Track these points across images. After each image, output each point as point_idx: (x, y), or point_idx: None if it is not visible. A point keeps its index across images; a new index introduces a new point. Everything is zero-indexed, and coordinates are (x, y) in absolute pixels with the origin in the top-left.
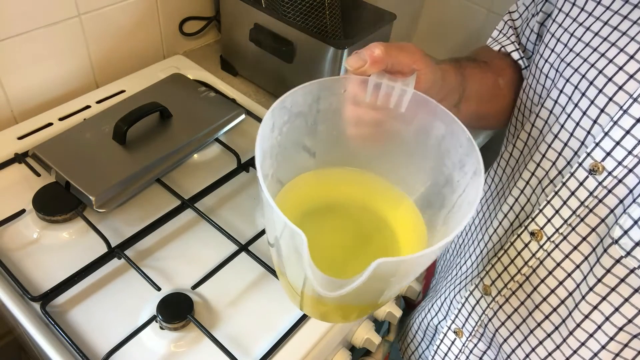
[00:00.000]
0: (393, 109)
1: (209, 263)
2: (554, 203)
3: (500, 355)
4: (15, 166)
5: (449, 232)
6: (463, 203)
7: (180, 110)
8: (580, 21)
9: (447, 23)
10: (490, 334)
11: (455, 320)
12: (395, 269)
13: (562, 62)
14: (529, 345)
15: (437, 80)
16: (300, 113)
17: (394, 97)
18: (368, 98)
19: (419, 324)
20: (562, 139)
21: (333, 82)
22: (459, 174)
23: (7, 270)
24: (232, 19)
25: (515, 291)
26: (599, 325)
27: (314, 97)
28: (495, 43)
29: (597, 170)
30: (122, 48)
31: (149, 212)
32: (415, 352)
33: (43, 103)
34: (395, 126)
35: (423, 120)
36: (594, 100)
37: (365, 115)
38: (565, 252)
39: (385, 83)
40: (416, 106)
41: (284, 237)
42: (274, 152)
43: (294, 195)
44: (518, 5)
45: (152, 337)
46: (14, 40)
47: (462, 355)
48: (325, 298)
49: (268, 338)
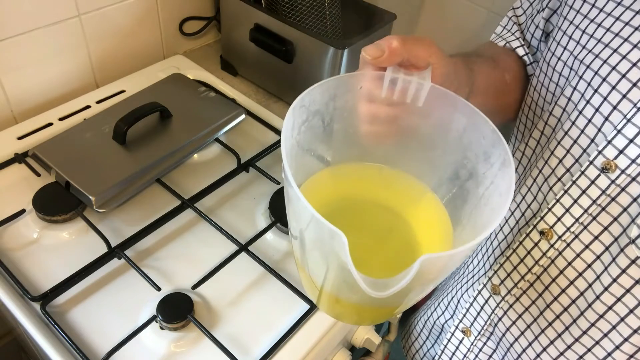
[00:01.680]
0: (410, 104)
1: (209, 263)
2: (563, 201)
3: (510, 354)
4: (15, 166)
5: (479, 225)
6: (492, 195)
7: (180, 110)
8: (592, 17)
9: (447, 23)
10: (500, 333)
11: (463, 319)
12: (441, 265)
13: (575, 59)
14: (540, 344)
15: (450, 74)
16: (318, 111)
17: (410, 91)
18: (384, 93)
19: (424, 323)
20: (572, 136)
21: (349, 78)
22: (484, 166)
23: (7, 270)
24: (232, 19)
25: (526, 290)
26: (613, 325)
27: (331, 95)
28: (500, 39)
29: (609, 168)
30: (122, 48)
31: (149, 212)
32: (420, 351)
33: (43, 103)
34: (413, 121)
35: (442, 114)
36: (606, 97)
37: (380, 112)
38: (577, 251)
39: (401, 78)
40: (434, 100)
41: (309, 230)
42: (293, 152)
43: (312, 193)
44: (522, 2)
45: (152, 337)
46: (14, 40)
47: (470, 354)
48: (344, 300)
49: (268, 338)
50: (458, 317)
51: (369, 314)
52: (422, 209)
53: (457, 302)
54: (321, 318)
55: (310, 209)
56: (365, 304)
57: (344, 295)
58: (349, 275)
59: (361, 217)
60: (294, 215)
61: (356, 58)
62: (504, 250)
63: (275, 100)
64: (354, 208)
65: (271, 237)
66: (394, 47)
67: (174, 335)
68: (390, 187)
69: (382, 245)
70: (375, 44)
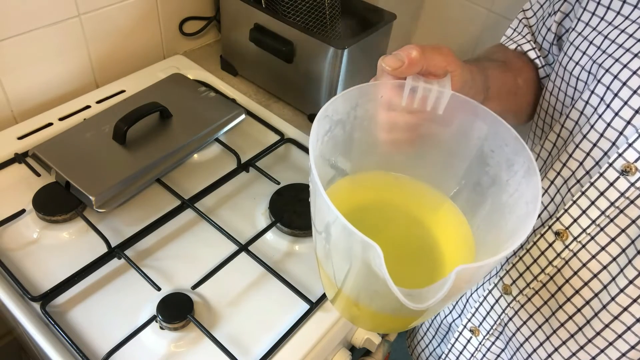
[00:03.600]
0: (429, 112)
1: (209, 263)
2: (580, 203)
3: (520, 354)
4: (15, 166)
5: (504, 234)
6: (517, 203)
7: (180, 110)
8: (609, 20)
9: (447, 23)
10: (510, 333)
11: (471, 318)
12: (470, 275)
13: (594, 63)
14: (551, 344)
15: (467, 81)
16: (340, 121)
17: (431, 99)
18: (404, 102)
19: (431, 322)
20: (591, 139)
21: (371, 88)
22: (507, 173)
23: (7, 270)
24: (232, 19)
25: (539, 291)
26: (628, 326)
27: (352, 104)
28: (511, 42)
29: (629, 171)
30: (122, 48)
31: (149, 212)
32: (426, 350)
33: (43, 103)
34: (433, 129)
35: (463, 121)
36: (627, 101)
37: (399, 120)
38: (592, 253)
39: (422, 86)
40: (454, 107)
41: (338, 238)
42: (318, 162)
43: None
44: (532, 3)
45: (152, 337)
46: (14, 40)
47: (478, 353)
48: (363, 305)
49: (268, 338)
50: (466, 316)
51: (386, 322)
52: (441, 217)
53: (466, 301)
54: (321, 318)
55: (341, 219)
56: (385, 312)
57: (363, 302)
58: (381, 286)
59: (381, 226)
60: (320, 220)
61: (356, 58)
62: (516, 250)
63: (275, 100)
64: (374, 216)
65: (271, 237)
66: (413, 57)
67: (174, 335)
68: (409, 195)
69: (406, 253)
70: (394, 54)
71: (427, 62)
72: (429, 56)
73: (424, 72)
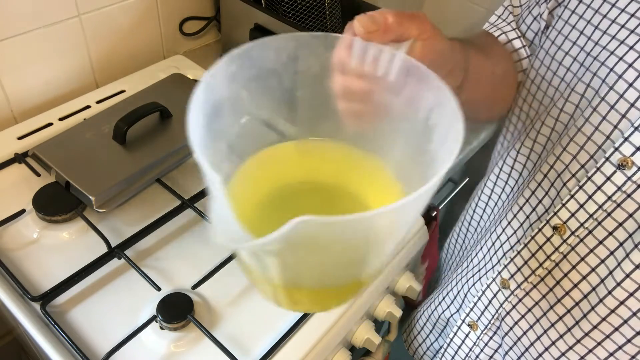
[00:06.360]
0: (383, 79)
1: (209, 263)
2: (578, 197)
3: (517, 347)
4: (15, 166)
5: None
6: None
7: (180, 110)
8: (595, 8)
9: (447, 23)
10: (507, 327)
11: (470, 313)
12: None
13: (588, 55)
14: (549, 338)
15: (445, 52)
16: (275, 71)
17: (382, 62)
18: (354, 63)
19: (428, 317)
20: (585, 132)
21: (312, 39)
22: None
23: (7, 270)
24: (232, 19)
25: (537, 285)
26: (625, 319)
27: (290, 56)
28: (495, 28)
29: (626, 165)
30: (122, 48)
31: (149, 212)
32: (423, 345)
33: (43, 103)
34: (385, 97)
35: (413, 90)
36: (623, 94)
37: (353, 85)
38: (590, 247)
39: (373, 46)
40: (406, 74)
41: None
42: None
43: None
44: None
45: (152, 337)
46: (14, 40)
47: (476, 348)
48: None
49: (268, 338)
50: (465, 311)
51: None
52: (380, 192)
53: (464, 296)
54: (321, 318)
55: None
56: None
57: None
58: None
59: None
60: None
61: None
62: (513, 244)
63: None
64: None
65: None
66: (390, 23)
67: (174, 335)
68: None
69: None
70: (369, 15)
71: (402, 30)
72: (406, 25)
73: (396, 40)
